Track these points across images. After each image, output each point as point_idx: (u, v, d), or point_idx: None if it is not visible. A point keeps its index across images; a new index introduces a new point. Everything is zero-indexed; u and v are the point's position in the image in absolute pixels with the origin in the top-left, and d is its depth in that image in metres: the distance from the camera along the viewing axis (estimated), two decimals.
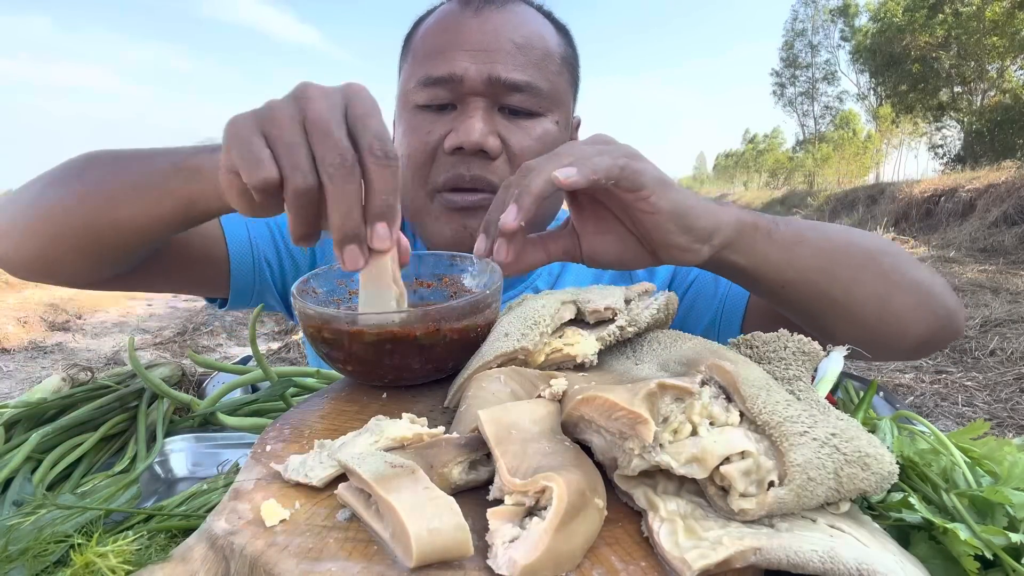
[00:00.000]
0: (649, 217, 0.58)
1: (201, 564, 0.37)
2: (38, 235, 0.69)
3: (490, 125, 0.83)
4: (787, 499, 0.36)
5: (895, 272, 0.70)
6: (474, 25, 0.85)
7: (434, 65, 0.84)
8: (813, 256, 0.67)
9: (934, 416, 3.25)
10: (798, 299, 0.69)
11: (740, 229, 0.62)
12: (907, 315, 0.71)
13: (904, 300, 0.70)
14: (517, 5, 0.90)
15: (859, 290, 0.69)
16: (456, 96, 0.84)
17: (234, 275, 0.91)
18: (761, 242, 0.64)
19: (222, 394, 0.74)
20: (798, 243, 0.66)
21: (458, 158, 0.84)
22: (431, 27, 0.89)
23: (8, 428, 0.68)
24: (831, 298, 0.68)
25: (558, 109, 0.89)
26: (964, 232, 10.10)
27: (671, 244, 0.60)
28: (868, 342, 0.71)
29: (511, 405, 0.45)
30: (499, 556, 0.34)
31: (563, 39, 0.93)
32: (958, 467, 0.46)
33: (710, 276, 0.93)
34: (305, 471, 0.42)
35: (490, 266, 0.66)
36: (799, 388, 0.44)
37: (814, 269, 0.67)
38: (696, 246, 0.60)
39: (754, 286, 0.70)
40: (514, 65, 0.83)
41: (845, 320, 0.70)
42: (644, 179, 0.55)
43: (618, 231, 0.63)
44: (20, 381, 4.27)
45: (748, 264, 0.64)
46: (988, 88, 24.39)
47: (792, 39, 44.76)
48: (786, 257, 0.66)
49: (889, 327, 0.71)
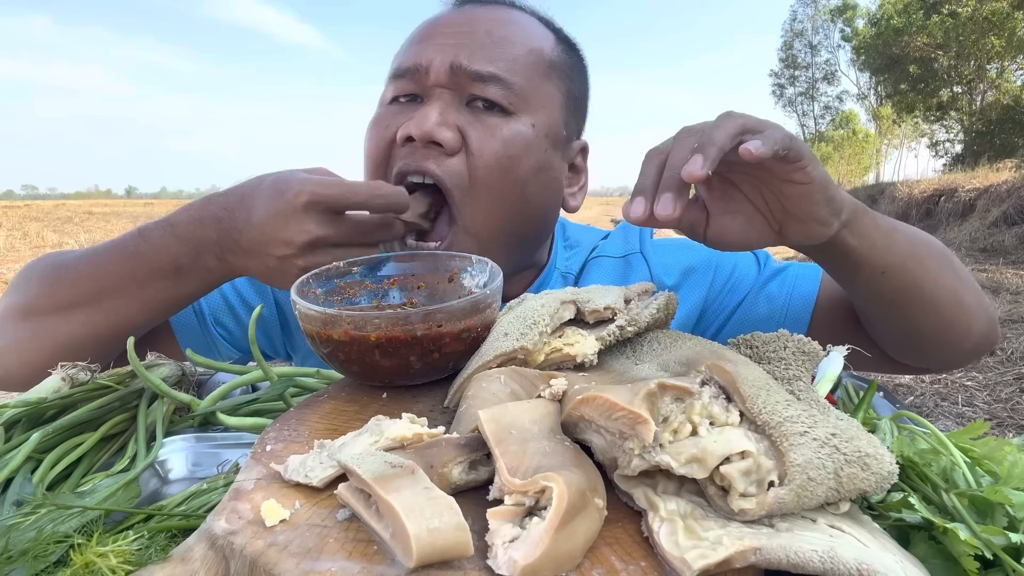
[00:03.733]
0: (801, 188, 0.57)
1: (201, 564, 0.37)
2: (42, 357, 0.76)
3: (447, 117, 0.77)
4: (787, 499, 0.36)
5: (962, 271, 0.75)
6: (452, 18, 0.83)
7: (404, 56, 0.82)
8: (908, 244, 0.69)
9: (934, 416, 3.25)
10: (892, 287, 0.70)
11: (855, 209, 0.63)
12: (972, 311, 0.75)
13: (969, 297, 0.74)
14: (509, 7, 0.87)
15: (942, 282, 0.72)
16: (422, 88, 0.80)
17: (181, 340, 0.92)
18: (870, 226, 0.65)
19: (222, 394, 0.74)
20: (895, 230, 0.68)
21: (410, 149, 0.78)
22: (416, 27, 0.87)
23: (8, 428, 0.68)
24: (921, 288, 0.70)
25: (536, 113, 0.81)
26: (964, 232, 10.10)
27: (813, 217, 0.59)
28: (944, 338, 0.75)
29: (511, 405, 0.45)
30: (499, 556, 0.34)
31: (561, 47, 0.87)
32: (958, 467, 0.46)
33: (764, 311, 0.89)
34: (305, 471, 0.42)
35: (490, 266, 0.66)
36: (799, 388, 0.44)
37: (910, 256, 0.69)
38: (832, 219, 0.60)
39: (856, 272, 0.69)
40: (482, 56, 0.78)
41: (930, 312, 0.72)
42: (804, 150, 0.55)
43: (747, 211, 0.62)
44: None
45: (859, 246, 0.65)
46: (988, 88, 24.38)
47: (791, 39, 44.75)
48: (888, 243, 0.67)
49: (960, 321, 0.74)
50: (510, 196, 0.80)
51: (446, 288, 0.71)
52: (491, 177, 0.78)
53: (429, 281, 0.72)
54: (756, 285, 0.90)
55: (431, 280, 0.72)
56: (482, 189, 0.78)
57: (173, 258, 0.72)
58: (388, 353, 0.55)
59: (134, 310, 0.75)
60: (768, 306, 0.89)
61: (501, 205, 0.80)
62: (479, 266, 0.68)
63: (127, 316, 0.75)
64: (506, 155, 0.78)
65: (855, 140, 45.66)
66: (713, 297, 0.93)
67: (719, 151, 0.51)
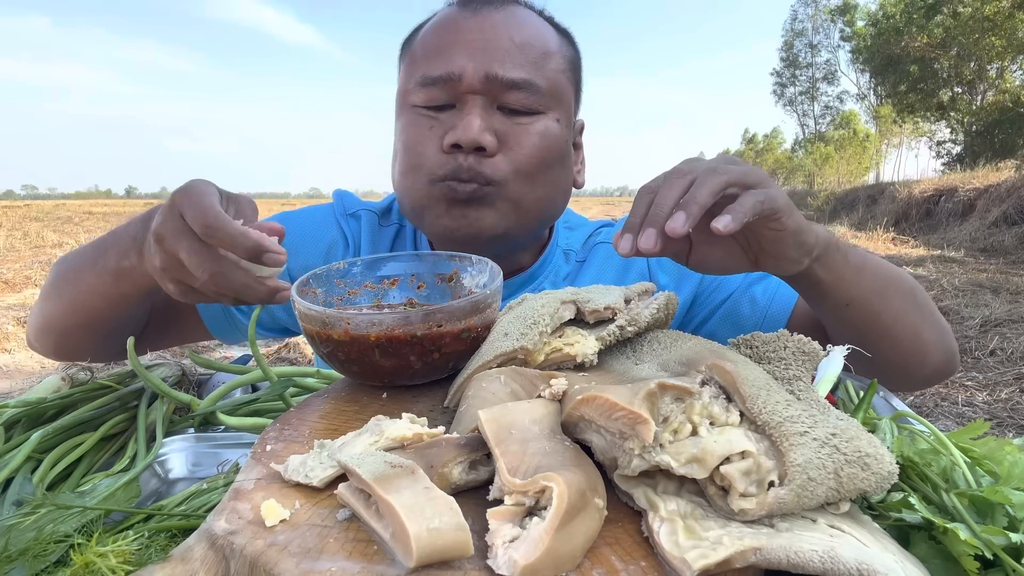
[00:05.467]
0: (774, 234, 0.62)
1: (201, 564, 0.37)
2: (51, 337, 0.87)
3: (487, 122, 0.83)
4: (787, 499, 0.36)
5: (926, 307, 0.80)
6: (472, 24, 0.85)
7: (432, 65, 0.85)
8: (874, 280, 0.74)
9: (934, 416, 3.25)
10: (855, 318, 0.75)
11: (827, 246, 0.68)
12: (930, 346, 0.80)
13: (929, 333, 0.80)
14: (516, 7, 0.90)
15: (903, 318, 0.77)
16: (454, 95, 0.85)
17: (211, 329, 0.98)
18: (840, 261, 0.70)
19: (222, 394, 0.74)
20: (864, 267, 0.73)
21: (455, 154, 0.84)
22: (430, 28, 0.89)
23: (8, 428, 0.68)
24: (881, 321, 0.75)
25: (558, 107, 0.89)
26: (964, 232, 10.10)
27: (784, 257, 0.65)
28: (898, 366, 0.80)
29: (511, 405, 0.45)
30: (499, 556, 0.34)
31: (564, 40, 0.93)
32: (958, 467, 0.46)
33: (747, 306, 0.95)
34: (305, 471, 0.42)
35: (490, 266, 0.66)
36: (799, 388, 0.44)
37: (874, 292, 0.74)
38: (803, 259, 0.66)
39: (822, 301, 0.74)
40: (512, 63, 0.84)
41: (887, 345, 0.77)
42: (779, 204, 0.59)
43: (727, 243, 0.67)
44: (20, 381, 4.27)
45: (827, 279, 0.70)
46: (988, 88, 24.38)
47: (792, 39, 44.76)
48: (855, 278, 0.72)
49: (916, 355, 0.80)
50: (543, 181, 0.89)
51: (446, 288, 0.71)
52: (530, 166, 0.87)
53: (429, 281, 0.72)
54: (742, 286, 0.97)
55: (431, 280, 0.72)
56: (522, 175, 0.87)
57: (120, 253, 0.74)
58: (388, 353, 0.55)
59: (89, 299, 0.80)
60: (750, 307, 0.95)
61: (536, 188, 0.88)
62: (479, 266, 0.68)
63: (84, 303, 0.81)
64: (542, 148, 0.87)
65: (856, 140, 45.66)
66: (701, 291, 0.99)
67: (700, 209, 0.56)
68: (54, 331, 0.85)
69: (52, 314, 0.85)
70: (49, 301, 0.85)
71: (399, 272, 0.72)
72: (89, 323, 0.82)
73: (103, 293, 0.78)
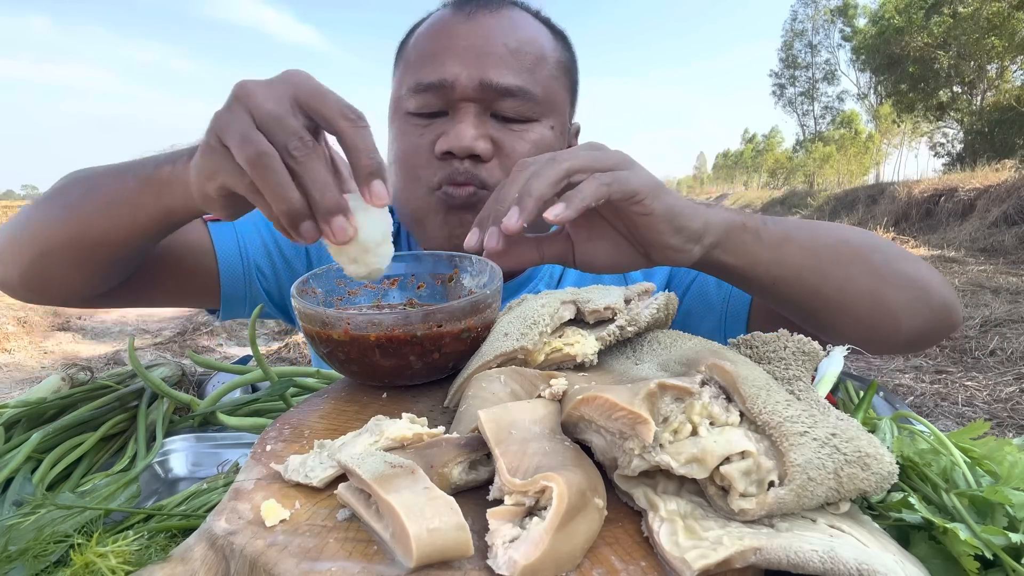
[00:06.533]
0: (643, 219, 0.59)
1: (201, 564, 0.37)
2: (29, 252, 0.73)
3: (480, 129, 0.82)
4: (787, 499, 0.36)
5: (886, 268, 0.72)
6: (466, 30, 0.84)
7: (425, 71, 0.84)
8: (802, 254, 0.69)
9: (934, 416, 3.25)
10: (790, 296, 0.71)
11: (728, 229, 0.64)
12: (900, 311, 0.72)
13: (897, 296, 0.72)
14: (511, 10, 0.89)
15: (851, 287, 0.70)
16: (447, 102, 0.84)
17: (224, 285, 0.92)
18: (750, 242, 0.66)
19: (222, 394, 0.74)
20: (786, 241, 0.68)
21: (449, 161, 0.83)
22: (423, 33, 0.88)
23: (8, 428, 0.68)
24: (823, 295, 0.70)
25: (553, 114, 0.88)
26: (964, 232, 10.10)
27: (664, 244, 0.61)
28: (863, 338, 0.74)
29: (511, 405, 0.45)
30: (499, 556, 0.34)
31: (559, 44, 0.91)
32: (958, 467, 0.46)
33: (713, 280, 0.93)
34: (305, 471, 0.42)
35: (490, 266, 0.66)
36: (799, 388, 0.44)
37: (804, 267, 0.69)
38: (688, 246, 0.62)
39: (746, 284, 0.71)
40: (506, 69, 0.82)
41: (839, 316, 0.72)
42: (634, 185, 0.57)
43: (611, 236, 0.64)
44: (20, 381, 4.27)
45: (737, 263, 0.66)
46: (988, 88, 24.39)
47: (791, 39, 44.74)
48: (775, 256, 0.67)
49: (883, 322, 0.73)
50: None
51: (446, 288, 0.71)
52: None
53: (429, 281, 0.72)
54: None
55: (431, 280, 0.72)
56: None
57: (158, 163, 0.65)
58: (388, 353, 0.55)
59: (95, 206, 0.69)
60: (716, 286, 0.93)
61: None
62: (479, 266, 0.68)
63: (86, 211, 0.69)
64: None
65: (856, 140, 45.66)
66: (675, 273, 0.99)
67: (536, 203, 0.53)
68: (33, 246, 0.72)
69: (39, 223, 0.72)
70: (40, 209, 0.73)
71: (399, 272, 0.72)
72: (82, 239, 0.69)
73: (115, 200, 0.67)
